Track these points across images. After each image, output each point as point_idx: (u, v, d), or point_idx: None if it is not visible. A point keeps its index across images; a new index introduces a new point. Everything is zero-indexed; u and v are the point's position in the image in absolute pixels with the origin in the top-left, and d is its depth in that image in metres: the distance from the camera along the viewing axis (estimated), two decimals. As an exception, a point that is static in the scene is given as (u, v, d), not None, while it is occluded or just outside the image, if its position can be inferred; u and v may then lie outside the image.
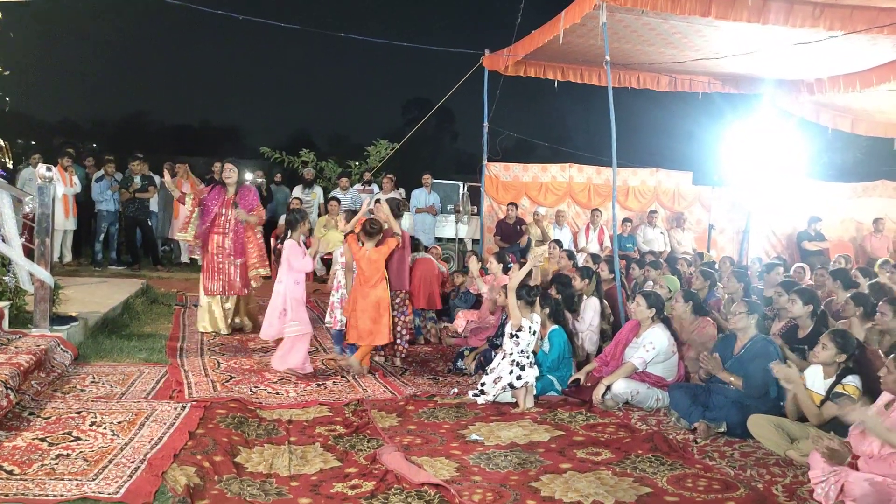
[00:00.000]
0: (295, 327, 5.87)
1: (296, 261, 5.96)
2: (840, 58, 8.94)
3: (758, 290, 7.20)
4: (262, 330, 6.09)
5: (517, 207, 11.61)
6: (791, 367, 4.33)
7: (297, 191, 12.78)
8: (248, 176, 12.80)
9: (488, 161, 11.77)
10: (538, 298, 5.56)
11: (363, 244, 6.10)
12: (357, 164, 15.41)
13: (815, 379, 4.41)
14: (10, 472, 3.48)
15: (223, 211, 7.13)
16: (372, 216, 6.32)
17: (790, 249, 12.60)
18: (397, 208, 6.47)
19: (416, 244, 7.98)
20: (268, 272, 7.33)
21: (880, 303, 5.09)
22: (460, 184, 13.67)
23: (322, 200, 12.76)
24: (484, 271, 8.25)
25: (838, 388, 4.20)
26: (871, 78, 9.40)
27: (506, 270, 7.76)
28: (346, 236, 6.36)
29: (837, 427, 4.02)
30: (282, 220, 10.30)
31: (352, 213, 7.06)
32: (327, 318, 6.83)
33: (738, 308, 5.04)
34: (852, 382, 4.18)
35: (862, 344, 4.50)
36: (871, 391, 4.13)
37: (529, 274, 5.77)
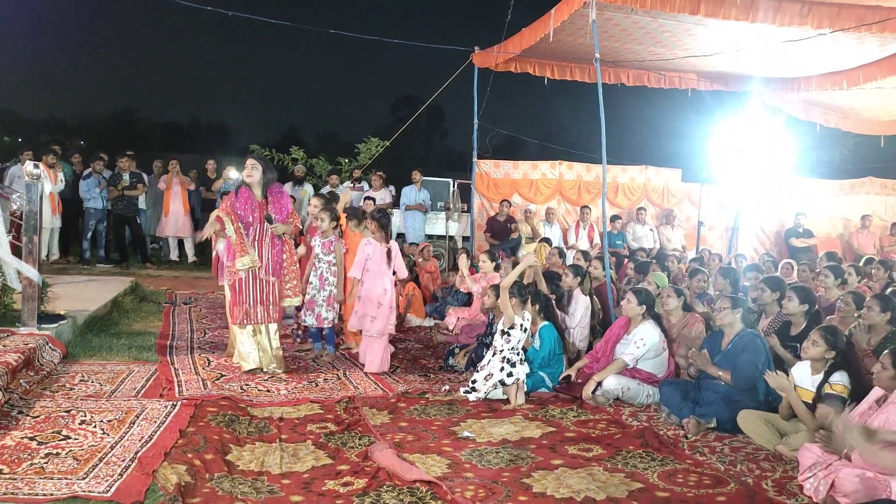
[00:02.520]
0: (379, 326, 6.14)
1: (400, 263, 6.37)
2: (827, 56, 9.01)
3: (745, 287, 7.24)
4: (350, 322, 6.34)
5: (510, 205, 11.63)
6: (781, 375, 4.37)
7: (288, 188, 12.74)
8: (235, 175, 12.73)
9: (479, 158, 11.78)
10: (529, 296, 5.58)
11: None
12: (347, 161, 15.37)
13: (803, 375, 4.44)
14: (0, 472, 3.46)
15: (256, 218, 5.80)
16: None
17: (778, 246, 12.70)
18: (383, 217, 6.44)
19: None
20: (300, 302, 6.20)
21: (868, 297, 5.13)
22: (450, 181, 13.67)
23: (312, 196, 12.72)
24: (475, 269, 8.26)
25: (826, 389, 4.23)
26: (858, 76, 9.48)
27: (496, 269, 7.78)
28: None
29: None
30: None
31: (354, 210, 6.99)
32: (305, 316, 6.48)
33: (723, 304, 5.08)
34: (840, 381, 4.20)
35: (850, 340, 4.54)
36: (857, 385, 4.17)
37: (522, 273, 5.79)
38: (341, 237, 6.78)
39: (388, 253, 6.23)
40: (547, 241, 10.60)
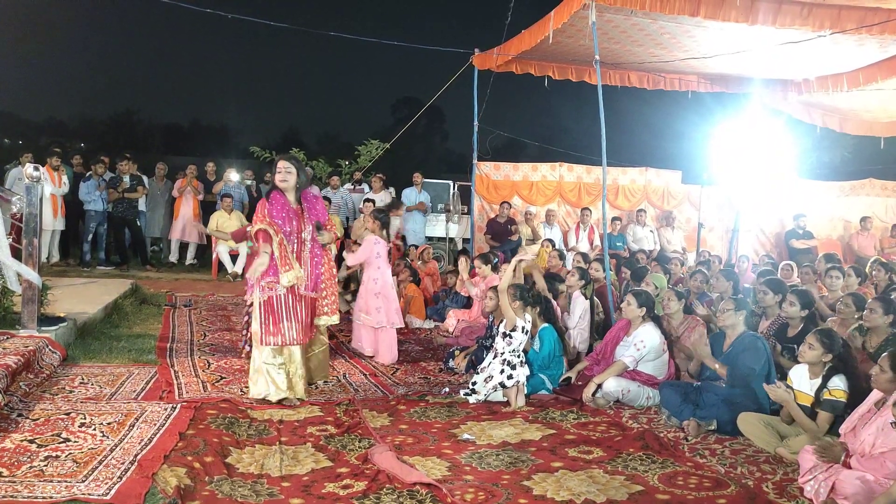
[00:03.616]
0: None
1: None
2: (827, 58, 9.01)
3: (747, 290, 7.24)
4: (371, 319, 6.58)
5: (510, 207, 11.63)
6: (780, 386, 4.37)
7: None
8: (235, 177, 12.74)
9: (479, 160, 11.77)
10: (531, 298, 5.58)
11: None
12: (347, 163, 15.39)
13: (801, 379, 4.44)
14: (-1, 475, 3.46)
15: (294, 228, 5.13)
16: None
17: (778, 248, 12.69)
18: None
19: None
20: (338, 320, 5.67)
21: (870, 300, 5.13)
22: (450, 183, 13.67)
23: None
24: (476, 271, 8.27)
25: (825, 395, 4.23)
26: (858, 78, 9.48)
27: (495, 269, 7.78)
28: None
29: (831, 430, 4.10)
30: None
31: (379, 212, 7.01)
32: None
33: (726, 306, 5.08)
34: (839, 386, 4.20)
35: (847, 343, 4.54)
36: (855, 388, 4.17)
37: (524, 273, 5.80)
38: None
39: (390, 251, 6.32)
40: (550, 242, 10.60)
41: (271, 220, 4.99)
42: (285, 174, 5.08)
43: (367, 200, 11.45)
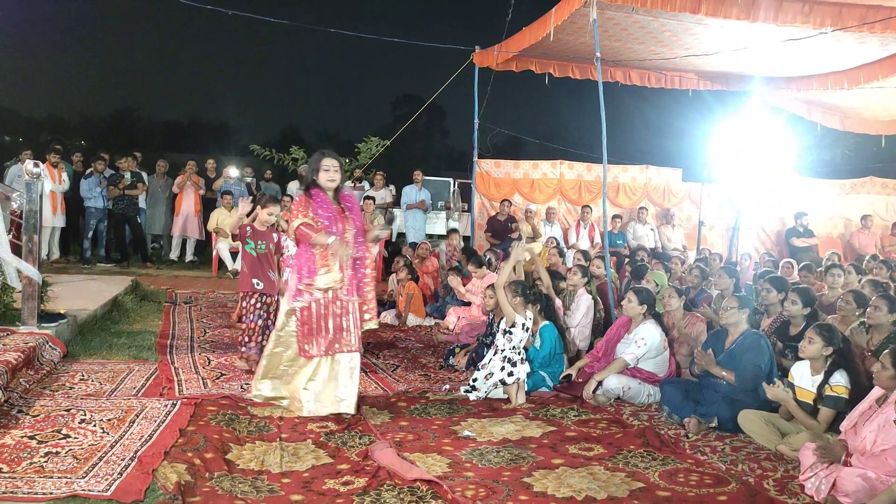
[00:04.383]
0: None
1: None
2: (828, 56, 8.99)
3: (748, 287, 7.24)
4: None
5: (510, 204, 11.62)
6: (779, 386, 4.37)
7: (294, 186, 12.79)
8: (235, 173, 12.74)
9: (479, 158, 11.76)
10: (532, 296, 5.58)
11: None
12: (348, 161, 15.35)
13: (803, 375, 4.44)
14: (0, 470, 3.45)
15: (339, 229, 4.77)
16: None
17: (779, 246, 12.69)
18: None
19: None
20: (377, 325, 5.25)
21: (874, 297, 5.11)
22: (451, 180, 13.67)
23: None
24: (463, 275, 8.32)
25: (827, 391, 4.23)
26: (859, 76, 9.47)
27: (489, 266, 7.80)
28: None
29: (832, 427, 4.10)
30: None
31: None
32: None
33: (730, 303, 5.07)
34: (840, 382, 4.20)
35: (847, 338, 4.53)
36: (856, 385, 4.17)
37: (515, 270, 5.79)
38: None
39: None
40: (553, 239, 10.58)
41: (316, 217, 4.66)
42: (334, 173, 4.75)
43: (368, 198, 11.44)
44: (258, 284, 5.90)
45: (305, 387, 4.70)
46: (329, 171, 4.72)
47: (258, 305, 5.91)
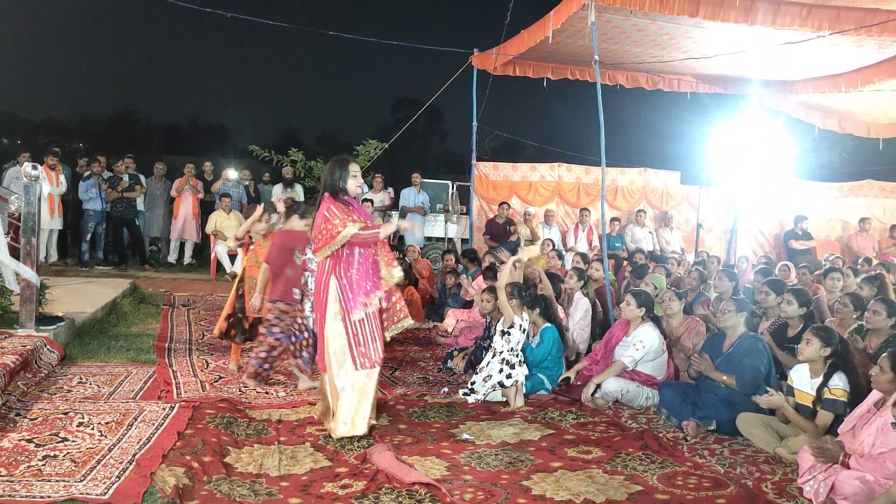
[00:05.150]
0: None
1: None
2: (826, 59, 9.02)
3: (747, 290, 7.24)
4: None
5: (509, 207, 11.62)
6: (773, 393, 4.38)
7: (278, 190, 12.75)
8: (234, 175, 12.73)
9: (477, 160, 11.77)
10: (529, 298, 5.58)
11: None
12: (346, 163, 15.35)
13: (802, 378, 4.44)
14: (-3, 474, 3.44)
15: None
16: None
17: (777, 248, 12.69)
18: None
19: None
20: (411, 323, 4.96)
21: (872, 301, 5.11)
22: (449, 183, 13.66)
23: (303, 199, 12.71)
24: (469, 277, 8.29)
25: (826, 394, 4.23)
26: (857, 79, 9.49)
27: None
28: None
29: (830, 430, 4.09)
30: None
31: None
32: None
33: (728, 306, 5.07)
34: (839, 385, 4.20)
35: (844, 339, 4.53)
36: (854, 388, 4.17)
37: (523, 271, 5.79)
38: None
39: None
40: (550, 242, 10.57)
41: (359, 218, 4.48)
42: (360, 179, 4.69)
43: (366, 200, 11.43)
44: (297, 295, 5.49)
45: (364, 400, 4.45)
46: (356, 177, 4.61)
47: (298, 320, 5.50)
